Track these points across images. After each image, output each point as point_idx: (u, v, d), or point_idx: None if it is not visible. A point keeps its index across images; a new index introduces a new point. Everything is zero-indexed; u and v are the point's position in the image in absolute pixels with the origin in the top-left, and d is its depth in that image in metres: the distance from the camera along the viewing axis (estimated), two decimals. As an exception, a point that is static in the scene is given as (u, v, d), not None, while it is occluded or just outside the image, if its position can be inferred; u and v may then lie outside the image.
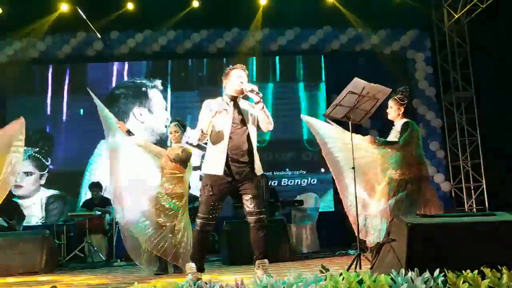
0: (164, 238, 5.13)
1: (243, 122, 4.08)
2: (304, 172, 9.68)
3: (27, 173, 9.54)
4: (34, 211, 9.40)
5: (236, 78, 4.08)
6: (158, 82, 10.04)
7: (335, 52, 9.96)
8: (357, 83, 3.88)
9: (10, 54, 9.57)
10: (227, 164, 3.96)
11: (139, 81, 10.08)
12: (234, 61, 9.13)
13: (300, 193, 9.04)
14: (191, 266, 4.01)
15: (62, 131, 9.90)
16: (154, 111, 9.89)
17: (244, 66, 4.17)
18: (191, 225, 5.19)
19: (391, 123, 4.81)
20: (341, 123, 4.59)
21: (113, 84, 10.08)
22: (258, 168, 4.08)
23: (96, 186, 8.40)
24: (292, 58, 10.17)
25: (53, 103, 9.92)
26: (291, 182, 9.62)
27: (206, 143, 4.21)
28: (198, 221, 4.03)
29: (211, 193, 3.97)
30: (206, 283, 2.84)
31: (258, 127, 4.15)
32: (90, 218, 7.74)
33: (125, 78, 10.13)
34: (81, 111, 9.79)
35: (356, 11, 9.37)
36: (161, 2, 9.02)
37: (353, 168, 4.04)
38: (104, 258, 7.58)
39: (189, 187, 5.53)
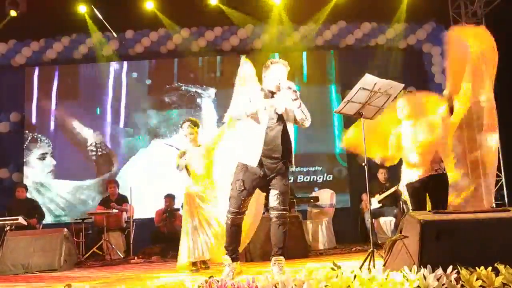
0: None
1: (280, 118, 4.08)
2: (320, 168, 9.64)
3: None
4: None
5: (275, 74, 4.07)
6: (211, 91, 9.83)
7: (350, 47, 9.89)
8: (369, 79, 3.85)
9: (29, 55, 9.71)
10: (260, 159, 3.97)
11: (194, 90, 9.82)
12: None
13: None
14: (226, 258, 4.07)
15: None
16: (205, 125, 9.15)
17: (286, 62, 4.14)
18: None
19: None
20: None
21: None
22: (291, 164, 4.10)
23: (113, 183, 8.48)
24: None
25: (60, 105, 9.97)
26: (306, 178, 9.59)
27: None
28: (229, 215, 4.06)
29: (242, 188, 4.00)
30: (217, 281, 2.86)
31: (295, 123, 4.16)
32: (107, 215, 7.83)
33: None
34: (98, 110, 9.90)
35: (371, 5, 9.28)
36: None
37: (365, 164, 4.00)
38: (121, 256, 7.66)
39: None
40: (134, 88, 9.94)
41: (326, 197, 8.33)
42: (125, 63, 10.03)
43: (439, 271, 2.62)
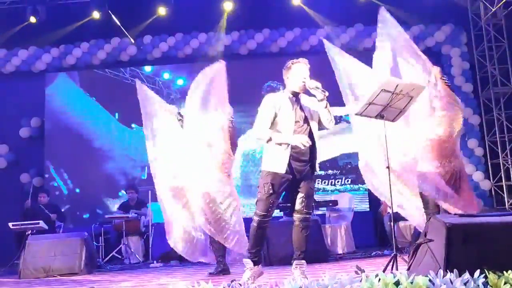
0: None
1: (305, 119, 4.01)
2: (338, 172, 9.59)
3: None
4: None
5: (299, 74, 3.98)
6: None
7: (368, 50, 9.81)
8: (390, 81, 3.81)
9: (48, 61, 9.83)
10: (288, 163, 3.90)
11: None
12: (267, 61, 9.26)
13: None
14: (247, 261, 4.00)
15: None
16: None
17: (307, 60, 4.06)
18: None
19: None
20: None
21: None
22: (317, 167, 4.05)
23: (132, 188, 8.52)
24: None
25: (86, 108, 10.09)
26: (324, 182, 9.54)
27: None
28: (256, 218, 3.99)
29: (271, 191, 3.92)
30: (240, 285, 2.84)
31: (319, 124, 4.08)
32: (126, 220, 7.86)
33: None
34: (116, 115, 9.98)
35: (389, 8, 9.19)
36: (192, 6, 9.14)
37: (388, 167, 3.96)
38: (141, 260, 7.69)
39: None
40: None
41: (344, 200, 8.26)
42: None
43: (466, 275, 2.57)
